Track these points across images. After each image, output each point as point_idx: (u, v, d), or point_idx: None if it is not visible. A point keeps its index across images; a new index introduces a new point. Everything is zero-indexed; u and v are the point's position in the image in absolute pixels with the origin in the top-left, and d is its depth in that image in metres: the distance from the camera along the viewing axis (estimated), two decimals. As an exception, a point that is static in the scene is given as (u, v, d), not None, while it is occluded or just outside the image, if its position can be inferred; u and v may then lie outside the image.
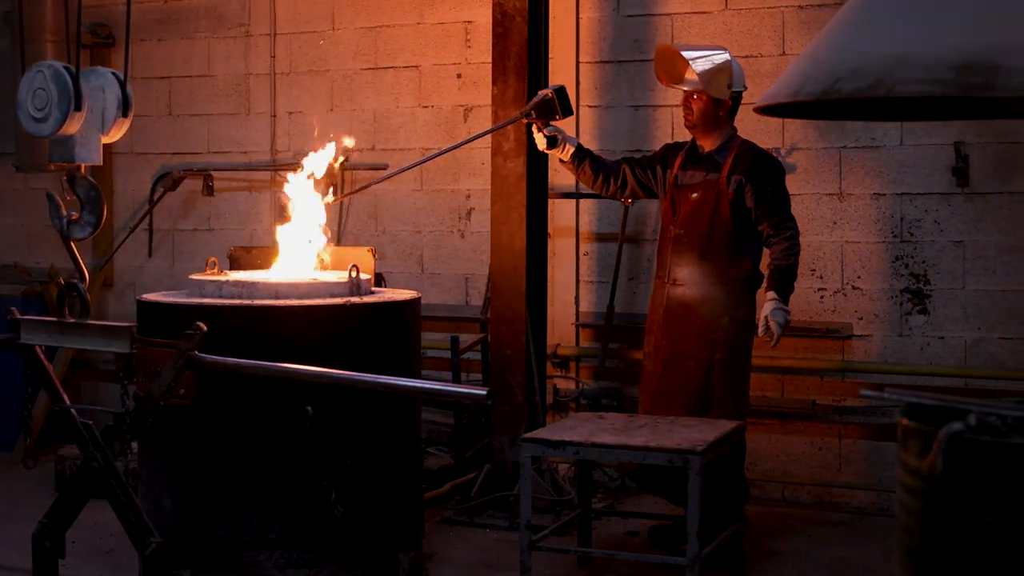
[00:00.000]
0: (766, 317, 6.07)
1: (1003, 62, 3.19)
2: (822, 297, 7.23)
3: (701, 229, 6.22)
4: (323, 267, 6.11)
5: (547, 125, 6.38)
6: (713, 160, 6.29)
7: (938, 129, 6.92)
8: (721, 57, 6.25)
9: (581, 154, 6.51)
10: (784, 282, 6.14)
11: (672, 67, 6.32)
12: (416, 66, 8.21)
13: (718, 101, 6.23)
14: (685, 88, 6.30)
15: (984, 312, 6.96)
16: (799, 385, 7.32)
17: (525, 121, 6.46)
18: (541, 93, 6.35)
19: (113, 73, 4.93)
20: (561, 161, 6.57)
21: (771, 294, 6.11)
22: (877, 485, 7.10)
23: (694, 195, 6.29)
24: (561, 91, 6.27)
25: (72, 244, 4.98)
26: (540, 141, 6.42)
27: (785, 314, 6.08)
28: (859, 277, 7.18)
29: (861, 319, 7.20)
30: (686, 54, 6.23)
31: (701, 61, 6.19)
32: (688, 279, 6.24)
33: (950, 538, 2.98)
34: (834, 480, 7.22)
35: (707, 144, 6.34)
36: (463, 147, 8.00)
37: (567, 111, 6.29)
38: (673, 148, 6.53)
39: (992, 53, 3.21)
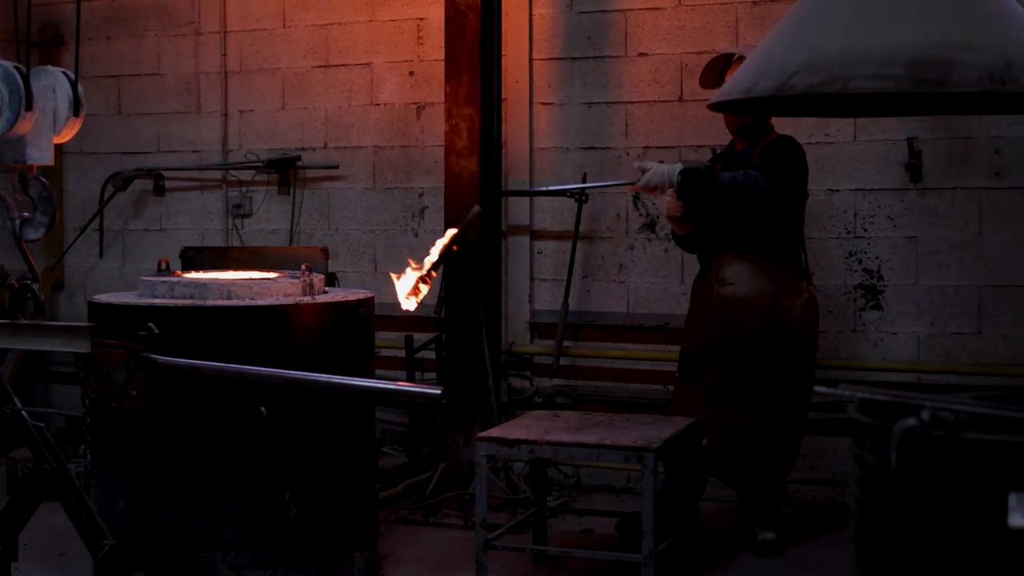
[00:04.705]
0: (656, 164, 5.99)
1: (956, 58, 3.21)
2: (776, 293, 7.24)
3: (743, 225, 6.20)
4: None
5: (687, 199, 6.07)
6: (745, 157, 6.29)
7: (891, 125, 6.96)
8: None
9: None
10: (700, 173, 5.92)
11: (715, 74, 6.29)
12: (368, 64, 8.17)
13: None
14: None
15: (937, 307, 7.00)
16: (753, 381, 7.32)
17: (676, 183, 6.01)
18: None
19: (64, 72, 4.88)
20: (671, 218, 6.28)
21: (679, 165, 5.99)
22: (831, 480, 7.12)
23: None
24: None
25: (24, 245, 4.93)
26: (675, 207, 6.15)
27: (666, 178, 5.91)
28: (812, 273, 7.20)
29: (814, 315, 7.21)
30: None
31: None
32: (737, 277, 6.20)
33: (904, 533, 2.99)
34: (789, 476, 7.22)
35: (744, 144, 6.36)
36: (416, 145, 8.03)
37: (701, 204, 6.07)
38: (712, 160, 6.46)
39: (945, 49, 3.23)
